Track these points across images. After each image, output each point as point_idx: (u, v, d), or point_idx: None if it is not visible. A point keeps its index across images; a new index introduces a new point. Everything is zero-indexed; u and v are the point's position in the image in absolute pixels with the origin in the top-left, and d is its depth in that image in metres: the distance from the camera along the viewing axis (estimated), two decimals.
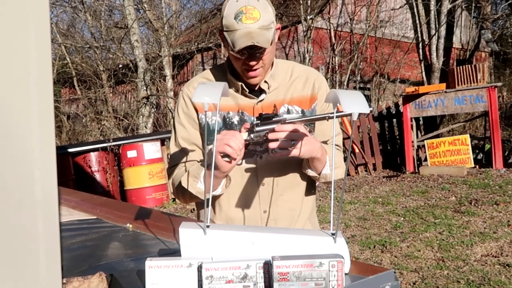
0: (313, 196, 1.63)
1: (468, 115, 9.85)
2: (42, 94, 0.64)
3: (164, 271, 1.01)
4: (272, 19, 1.39)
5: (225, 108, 1.50)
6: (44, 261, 0.66)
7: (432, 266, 3.66)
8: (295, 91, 1.54)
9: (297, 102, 1.53)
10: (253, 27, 1.34)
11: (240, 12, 1.35)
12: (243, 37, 1.33)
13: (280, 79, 1.53)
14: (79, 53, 13.72)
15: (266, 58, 1.42)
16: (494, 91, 7.31)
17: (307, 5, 11.94)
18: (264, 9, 1.37)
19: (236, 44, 1.34)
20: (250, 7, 1.35)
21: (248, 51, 1.37)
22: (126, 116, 11.24)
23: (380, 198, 6.19)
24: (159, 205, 6.72)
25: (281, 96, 1.52)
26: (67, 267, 1.21)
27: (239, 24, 1.34)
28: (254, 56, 1.39)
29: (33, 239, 0.65)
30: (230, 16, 1.36)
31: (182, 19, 14.81)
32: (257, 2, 1.37)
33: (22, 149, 0.63)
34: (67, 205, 2.17)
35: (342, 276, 0.98)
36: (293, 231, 1.21)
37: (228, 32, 1.37)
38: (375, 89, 13.50)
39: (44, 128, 0.63)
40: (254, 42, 1.32)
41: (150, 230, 1.63)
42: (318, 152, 1.40)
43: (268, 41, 1.36)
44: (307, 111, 1.53)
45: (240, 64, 1.43)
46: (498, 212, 4.99)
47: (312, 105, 1.54)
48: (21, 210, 0.64)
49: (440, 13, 12.62)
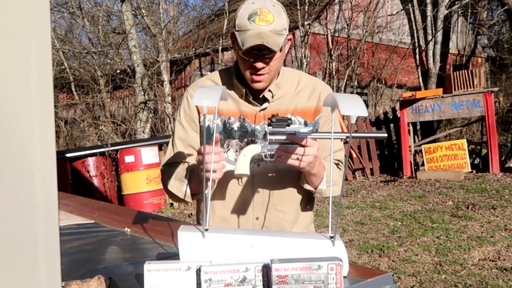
0: (309, 212, 1.62)
1: (465, 120, 9.89)
2: (42, 97, 0.65)
3: (162, 274, 1.01)
4: (285, 26, 1.40)
5: (226, 113, 1.50)
6: (44, 264, 0.66)
7: (429, 270, 3.66)
8: (299, 102, 1.52)
9: (301, 113, 1.52)
10: (265, 29, 1.35)
11: (254, 13, 1.36)
12: (254, 36, 1.33)
13: (285, 89, 1.52)
14: (77, 58, 13.72)
15: (273, 64, 1.41)
16: (490, 96, 7.34)
17: (305, 10, 11.99)
18: (278, 14, 1.38)
19: (245, 43, 1.34)
20: (265, 10, 1.36)
21: (257, 53, 1.37)
22: (123, 121, 11.23)
23: (377, 203, 6.19)
24: (156, 210, 6.70)
25: (285, 105, 1.51)
26: (65, 271, 1.21)
27: (252, 25, 1.35)
28: (262, 59, 1.38)
29: (34, 242, 0.65)
30: (244, 17, 1.37)
31: (180, 24, 14.83)
32: (272, 7, 1.38)
33: (23, 151, 0.63)
34: (65, 210, 2.17)
35: (340, 279, 0.98)
36: (292, 234, 1.22)
37: (240, 31, 1.38)
38: (372, 94, 13.53)
39: (45, 130, 0.64)
40: (264, 42, 1.32)
41: (148, 234, 1.63)
42: (317, 168, 1.40)
43: (278, 46, 1.36)
44: (310, 123, 1.52)
45: (246, 66, 1.42)
46: (495, 217, 5.00)
47: (316, 117, 1.53)
48: (22, 213, 0.64)
49: (437, 19, 12.69)
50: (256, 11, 1.36)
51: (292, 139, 1.32)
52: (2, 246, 0.64)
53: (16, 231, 0.64)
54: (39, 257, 0.66)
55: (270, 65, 1.41)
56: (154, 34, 10.72)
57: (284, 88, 1.52)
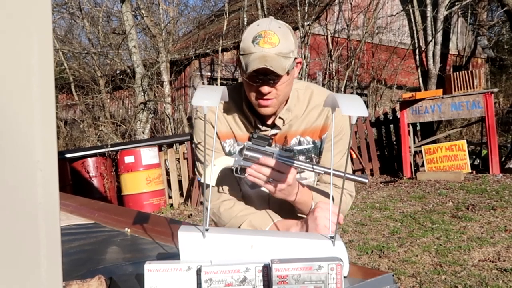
0: None
1: (465, 120, 9.90)
2: (44, 97, 0.65)
3: (163, 274, 1.01)
4: (291, 48, 1.33)
5: (241, 139, 1.47)
6: (45, 264, 0.66)
7: (429, 271, 3.66)
8: (309, 122, 1.47)
9: (310, 133, 1.47)
10: (269, 51, 1.29)
11: (258, 35, 1.31)
12: (257, 59, 1.28)
13: (296, 111, 1.46)
14: (76, 59, 13.73)
15: (280, 88, 1.35)
16: (490, 97, 7.34)
17: (304, 11, 12.00)
18: (284, 36, 1.32)
19: (249, 66, 1.29)
20: (270, 32, 1.31)
21: (262, 77, 1.32)
22: (123, 121, 11.23)
23: (377, 204, 6.19)
24: (156, 210, 6.70)
25: (294, 127, 1.47)
26: (65, 272, 1.21)
27: (256, 47, 1.30)
28: (267, 83, 1.32)
29: (35, 241, 0.65)
30: (248, 39, 1.32)
31: (179, 25, 14.84)
32: (278, 29, 1.32)
33: (24, 151, 0.63)
34: (65, 210, 2.17)
35: (341, 279, 0.98)
36: (292, 235, 1.22)
37: (244, 55, 1.33)
38: (372, 95, 13.55)
39: (46, 129, 0.64)
40: (267, 66, 1.26)
41: (148, 235, 1.63)
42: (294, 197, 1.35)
43: (283, 69, 1.29)
44: (317, 141, 1.48)
45: (252, 91, 1.36)
46: (495, 217, 5.00)
47: (322, 136, 1.48)
48: (23, 212, 0.64)
49: (437, 20, 12.71)
50: (260, 33, 1.31)
51: (265, 161, 1.28)
52: (3, 245, 0.64)
53: (17, 231, 0.64)
54: (40, 257, 0.66)
55: (277, 89, 1.35)
56: (154, 35, 10.73)
57: (294, 110, 1.46)
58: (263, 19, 1.38)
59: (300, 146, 1.47)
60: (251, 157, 1.30)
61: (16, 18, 0.64)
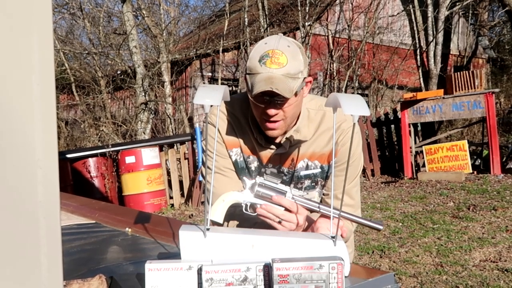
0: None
1: (466, 121, 9.88)
2: (44, 95, 0.65)
3: (163, 273, 1.01)
4: (300, 68, 1.26)
5: (246, 152, 1.44)
6: (46, 262, 0.66)
7: (430, 271, 3.66)
8: (318, 146, 1.40)
9: (318, 157, 1.41)
10: (276, 72, 1.22)
11: (265, 55, 1.24)
12: (263, 81, 1.22)
13: (305, 131, 1.39)
14: (77, 59, 13.74)
15: (288, 110, 1.29)
16: (491, 97, 7.33)
17: (305, 11, 12.00)
18: (293, 56, 1.25)
19: (254, 88, 1.23)
20: (278, 51, 1.24)
21: (268, 99, 1.25)
22: (124, 122, 11.24)
23: (378, 204, 6.19)
24: (157, 210, 6.70)
25: (303, 149, 1.40)
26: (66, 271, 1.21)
27: (262, 68, 1.23)
28: (274, 105, 1.26)
29: (35, 240, 0.65)
30: (255, 58, 1.26)
31: (180, 25, 14.85)
32: (287, 48, 1.25)
33: (25, 149, 0.63)
34: (65, 210, 2.17)
35: (342, 279, 0.98)
36: (293, 234, 1.21)
37: (250, 75, 1.26)
38: (373, 95, 13.53)
39: (47, 128, 0.64)
40: (273, 88, 1.20)
41: (149, 234, 1.63)
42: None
43: (291, 91, 1.23)
44: (325, 165, 1.42)
45: (259, 112, 1.30)
46: (496, 218, 4.99)
47: (330, 161, 1.41)
48: (24, 210, 0.64)
49: (438, 20, 12.70)
50: (267, 52, 1.24)
51: (278, 200, 1.25)
52: (4, 244, 0.64)
53: (18, 229, 0.64)
54: (41, 256, 0.66)
55: (285, 111, 1.28)
56: (155, 35, 10.74)
57: (303, 131, 1.38)
58: (271, 36, 1.30)
59: (307, 170, 1.42)
60: (263, 194, 1.27)
61: (17, 18, 0.64)
